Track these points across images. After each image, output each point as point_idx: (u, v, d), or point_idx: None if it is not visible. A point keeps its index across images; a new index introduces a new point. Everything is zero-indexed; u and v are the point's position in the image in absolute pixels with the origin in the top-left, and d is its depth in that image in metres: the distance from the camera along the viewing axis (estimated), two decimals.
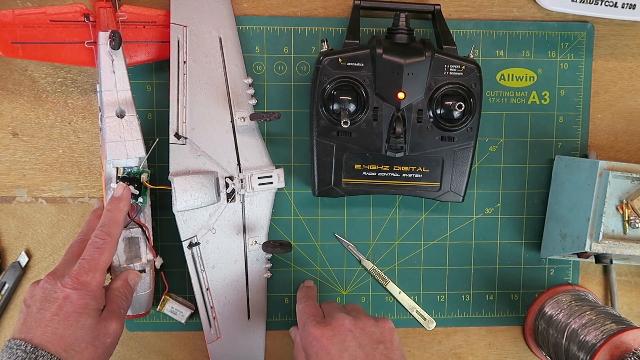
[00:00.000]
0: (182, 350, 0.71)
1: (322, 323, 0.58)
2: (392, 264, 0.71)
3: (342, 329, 0.56)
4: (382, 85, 0.62)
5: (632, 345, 0.58)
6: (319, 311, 0.61)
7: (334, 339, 0.56)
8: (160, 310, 0.67)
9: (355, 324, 0.57)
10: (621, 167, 0.62)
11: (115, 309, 0.57)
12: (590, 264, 0.73)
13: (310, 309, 0.61)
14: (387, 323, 0.59)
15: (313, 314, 0.60)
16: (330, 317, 0.58)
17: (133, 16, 0.63)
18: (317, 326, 0.57)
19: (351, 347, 0.55)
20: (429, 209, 0.71)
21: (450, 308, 0.73)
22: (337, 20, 0.68)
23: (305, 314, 0.61)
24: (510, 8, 0.70)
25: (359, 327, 0.57)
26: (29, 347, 0.51)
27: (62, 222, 0.69)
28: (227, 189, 0.65)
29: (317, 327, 0.57)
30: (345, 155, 0.65)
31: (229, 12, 0.66)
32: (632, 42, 0.72)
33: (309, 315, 0.60)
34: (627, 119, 0.72)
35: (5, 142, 0.67)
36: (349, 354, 0.54)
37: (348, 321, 0.57)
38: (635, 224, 0.62)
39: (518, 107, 0.71)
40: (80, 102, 0.67)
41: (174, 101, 0.63)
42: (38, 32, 0.60)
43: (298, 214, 0.70)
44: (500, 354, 0.74)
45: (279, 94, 0.69)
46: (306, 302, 0.63)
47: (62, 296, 0.53)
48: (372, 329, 0.57)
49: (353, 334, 0.56)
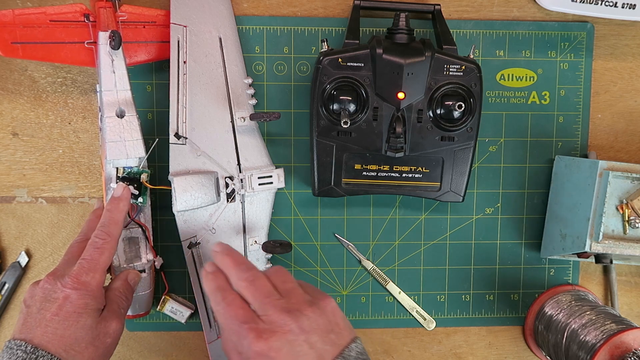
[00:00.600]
0: (182, 350, 0.71)
1: (262, 333, 0.49)
2: (392, 264, 0.71)
3: (290, 336, 0.49)
4: (382, 85, 0.62)
5: (632, 345, 0.58)
6: (247, 310, 0.51)
7: (283, 350, 0.48)
8: (160, 310, 0.67)
9: (300, 323, 0.50)
10: (621, 167, 0.62)
11: (115, 309, 0.57)
12: (590, 264, 0.73)
13: (236, 310, 0.51)
14: (329, 304, 0.52)
15: (244, 319, 0.50)
16: (269, 321, 0.50)
17: (133, 16, 0.63)
18: (258, 339, 0.48)
19: (303, 352, 0.49)
20: (429, 209, 0.71)
21: (450, 308, 0.73)
22: (337, 20, 0.68)
23: (234, 320, 0.51)
24: (510, 8, 0.70)
25: (306, 326, 0.50)
26: (29, 347, 0.51)
27: (62, 222, 0.68)
28: (227, 189, 0.65)
29: (259, 340, 0.48)
30: (345, 155, 0.65)
31: (229, 12, 0.66)
32: (632, 42, 0.72)
33: (240, 321, 0.50)
34: (627, 119, 0.72)
35: (5, 142, 0.67)
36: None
37: (293, 324, 0.49)
38: (635, 224, 0.62)
39: (518, 107, 0.71)
40: (80, 102, 0.67)
41: (174, 101, 0.63)
42: (38, 32, 0.60)
43: (298, 214, 0.70)
44: (500, 354, 0.74)
45: (279, 94, 0.69)
46: (225, 300, 0.52)
47: (62, 296, 0.53)
48: (318, 320, 0.51)
49: (304, 336, 0.49)
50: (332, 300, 0.53)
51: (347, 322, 0.53)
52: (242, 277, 0.53)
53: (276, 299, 0.51)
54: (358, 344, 0.52)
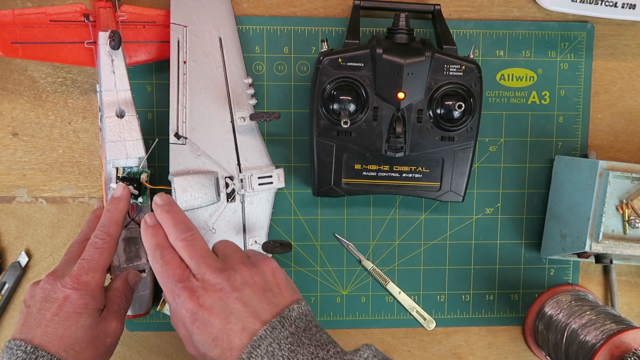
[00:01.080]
0: (182, 350, 0.71)
1: (195, 291, 0.49)
2: (392, 264, 0.71)
3: (221, 294, 0.49)
4: (382, 85, 0.62)
5: (632, 345, 0.58)
6: (184, 270, 0.51)
7: (215, 308, 0.48)
8: (160, 310, 0.67)
9: (233, 281, 0.50)
10: (621, 167, 0.62)
11: (115, 309, 0.57)
12: (590, 264, 0.73)
13: (173, 270, 0.51)
14: (268, 264, 0.52)
15: (179, 277, 0.50)
16: (202, 280, 0.50)
17: (133, 16, 0.63)
18: (191, 297, 0.49)
19: (237, 310, 0.48)
20: (429, 209, 0.71)
21: (450, 308, 0.73)
22: (337, 20, 0.68)
23: (170, 279, 0.51)
24: (510, 8, 0.70)
25: (239, 284, 0.50)
26: (29, 347, 0.51)
27: (62, 222, 0.68)
28: (227, 189, 0.65)
29: (192, 299, 0.49)
30: (345, 155, 0.65)
31: (229, 12, 0.66)
32: (632, 42, 0.72)
33: (176, 280, 0.50)
34: (627, 119, 0.72)
35: (5, 142, 0.67)
36: (235, 318, 0.48)
37: (225, 282, 0.50)
38: (635, 224, 0.62)
39: (518, 107, 0.71)
40: (80, 102, 0.67)
41: (174, 101, 0.63)
42: (38, 32, 0.60)
43: (298, 214, 0.70)
44: (500, 354, 0.74)
45: (279, 94, 0.69)
46: (164, 259, 0.52)
47: (62, 296, 0.53)
48: (254, 278, 0.51)
49: (235, 295, 0.49)
50: (273, 262, 0.53)
51: (291, 285, 0.53)
52: (181, 237, 0.53)
53: (212, 260, 0.52)
54: (302, 306, 0.51)
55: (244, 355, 0.47)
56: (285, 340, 0.48)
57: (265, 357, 0.47)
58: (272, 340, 0.47)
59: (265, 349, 0.47)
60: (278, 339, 0.48)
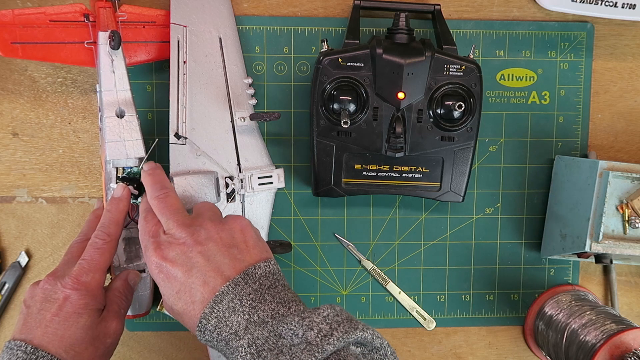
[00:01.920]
0: (182, 350, 0.71)
1: (161, 245, 0.52)
2: (392, 264, 0.71)
3: (184, 247, 0.51)
4: (382, 85, 0.62)
5: (632, 345, 0.58)
6: (157, 227, 0.54)
7: (178, 261, 0.50)
8: (160, 310, 0.67)
9: (197, 236, 0.51)
10: (621, 167, 0.62)
11: (115, 309, 0.57)
12: (590, 264, 0.73)
13: (149, 227, 0.54)
14: (237, 222, 0.54)
15: (152, 233, 0.53)
16: (169, 235, 0.52)
17: (133, 16, 0.63)
18: (156, 250, 0.51)
19: (199, 264, 0.50)
20: (429, 209, 0.71)
21: (450, 308, 0.73)
22: (337, 20, 0.68)
23: (145, 235, 0.54)
24: (510, 8, 0.70)
25: (203, 239, 0.51)
26: (29, 347, 0.51)
27: (62, 222, 0.68)
28: (227, 189, 0.65)
29: (157, 251, 0.51)
30: (345, 155, 0.65)
31: (229, 12, 0.66)
32: (632, 42, 0.72)
33: (149, 236, 0.53)
34: (627, 119, 0.72)
35: (5, 142, 0.67)
36: (197, 271, 0.50)
37: (188, 237, 0.51)
38: (635, 224, 0.62)
39: (518, 107, 0.71)
40: (80, 102, 0.67)
41: (174, 101, 0.63)
42: (38, 32, 0.60)
43: (298, 214, 0.70)
44: (500, 354, 0.74)
45: (279, 94, 0.69)
46: (145, 219, 0.55)
47: (62, 297, 0.53)
48: (220, 234, 0.52)
49: (198, 249, 0.50)
50: (244, 220, 0.54)
51: (261, 243, 0.54)
52: (154, 195, 0.56)
53: (181, 216, 0.54)
54: (270, 264, 0.52)
55: (207, 309, 0.48)
56: (248, 296, 0.49)
57: (227, 312, 0.48)
58: (233, 296, 0.49)
59: (226, 304, 0.48)
60: (240, 295, 0.49)
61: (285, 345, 0.46)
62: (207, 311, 0.49)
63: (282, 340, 0.46)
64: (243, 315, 0.48)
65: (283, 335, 0.46)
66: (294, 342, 0.46)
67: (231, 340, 0.48)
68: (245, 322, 0.48)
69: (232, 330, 0.48)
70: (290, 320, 0.47)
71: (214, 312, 0.48)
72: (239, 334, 0.47)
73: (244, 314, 0.48)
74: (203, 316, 0.49)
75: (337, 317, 0.47)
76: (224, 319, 0.48)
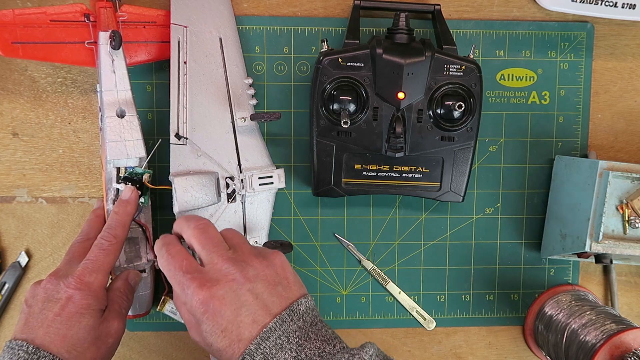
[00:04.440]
0: (182, 350, 0.71)
1: (206, 283, 0.49)
2: (392, 264, 0.71)
3: (234, 285, 0.49)
4: (382, 85, 0.62)
5: (632, 345, 0.58)
6: (192, 261, 0.51)
7: (226, 299, 0.48)
8: (160, 310, 0.67)
9: (245, 273, 0.49)
10: (621, 167, 0.62)
11: (116, 309, 0.57)
12: (590, 264, 0.73)
13: (180, 261, 0.51)
14: (277, 257, 0.52)
15: (187, 269, 0.50)
16: (213, 270, 0.50)
17: (133, 16, 0.63)
18: (201, 289, 0.48)
19: (248, 302, 0.48)
20: (429, 209, 0.71)
21: (450, 308, 0.73)
22: (337, 20, 0.68)
23: (177, 271, 0.50)
24: (510, 8, 0.70)
25: (251, 276, 0.50)
26: (31, 347, 0.51)
27: (62, 222, 0.68)
28: (228, 189, 0.65)
29: (202, 290, 0.48)
30: (345, 155, 0.65)
31: (229, 12, 0.66)
32: (632, 42, 0.72)
33: (184, 271, 0.50)
34: (627, 119, 0.72)
35: (5, 142, 0.67)
36: (246, 310, 0.48)
37: (237, 273, 0.49)
38: (635, 224, 0.62)
39: (518, 107, 0.71)
40: (80, 102, 0.67)
41: (175, 101, 0.63)
42: (38, 32, 0.60)
43: (298, 214, 0.70)
44: (500, 354, 0.74)
45: (279, 94, 0.69)
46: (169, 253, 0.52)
47: (64, 296, 0.53)
48: (265, 271, 0.50)
49: (246, 286, 0.49)
50: (281, 255, 0.53)
51: (297, 279, 0.53)
52: (194, 225, 0.53)
53: (224, 249, 0.52)
54: (308, 300, 0.51)
55: (252, 346, 0.47)
56: (294, 333, 0.48)
57: (274, 349, 0.47)
58: (281, 333, 0.48)
59: (274, 342, 0.47)
60: (287, 332, 0.48)
61: None
62: (253, 347, 0.47)
63: None
64: (290, 352, 0.47)
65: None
66: None
67: None
68: (292, 359, 0.47)
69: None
70: (340, 357, 0.46)
71: (260, 348, 0.47)
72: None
73: (292, 351, 0.47)
74: (247, 352, 0.47)
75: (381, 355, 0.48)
76: (270, 355, 0.47)
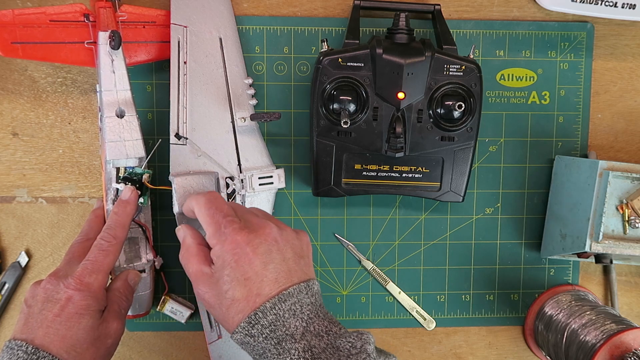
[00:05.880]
0: (182, 350, 0.71)
1: (245, 228, 0.51)
2: (392, 264, 0.71)
3: (268, 238, 0.51)
4: (382, 85, 0.62)
5: (632, 345, 0.58)
6: (231, 211, 0.53)
7: (259, 249, 0.50)
8: (160, 310, 0.67)
9: (281, 234, 0.52)
10: (621, 167, 0.62)
11: (116, 310, 0.57)
12: (590, 264, 0.73)
13: (222, 207, 0.53)
14: (306, 236, 0.55)
15: (228, 214, 0.52)
16: (251, 223, 0.52)
17: (133, 16, 0.63)
18: (240, 231, 0.50)
19: (276, 260, 0.50)
20: (429, 209, 0.71)
21: (450, 308, 0.73)
22: (337, 20, 0.68)
23: (218, 213, 0.52)
24: (510, 8, 0.70)
25: (284, 239, 0.52)
26: (30, 348, 0.51)
27: (62, 222, 0.68)
28: (228, 189, 0.65)
29: (241, 233, 0.50)
30: (345, 155, 0.65)
31: (229, 13, 0.66)
32: (632, 42, 0.72)
33: (224, 214, 0.52)
34: (627, 119, 0.72)
35: (5, 142, 0.67)
36: (273, 267, 0.50)
37: (275, 230, 0.52)
38: (635, 224, 0.62)
39: (518, 107, 0.71)
40: (80, 102, 0.67)
41: (174, 101, 0.63)
42: (38, 32, 0.60)
43: (298, 214, 0.70)
44: (500, 354, 0.74)
45: (279, 94, 0.69)
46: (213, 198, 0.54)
47: (64, 297, 0.53)
48: (294, 241, 0.53)
49: (278, 246, 0.51)
50: (308, 236, 0.56)
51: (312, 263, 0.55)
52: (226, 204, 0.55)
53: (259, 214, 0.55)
54: (318, 285, 0.53)
55: (269, 304, 0.48)
56: (307, 306, 0.50)
57: (287, 313, 0.49)
58: (296, 300, 0.49)
59: (288, 307, 0.49)
60: (301, 302, 0.50)
61: (343, 355, 0.47)
62: (269, 306, 0.48)
63: (340, 352, 0.47)
64: (301, 321, 0.49)
65: (340, 348, 0.48)
66: (352, 352, 0.47)
67: (285, 341, 0.48)
68: (302, 328, 0.48)
69: (288, 331, 0.48)
70: (348, 335, 0.48)
71: (275, 309, 0.48)
72: (295, 337, 0.48)
73: (302, 320, 0.49)
74: (262, 309, 0.48)
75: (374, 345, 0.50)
76: (282, 319, 0.48)
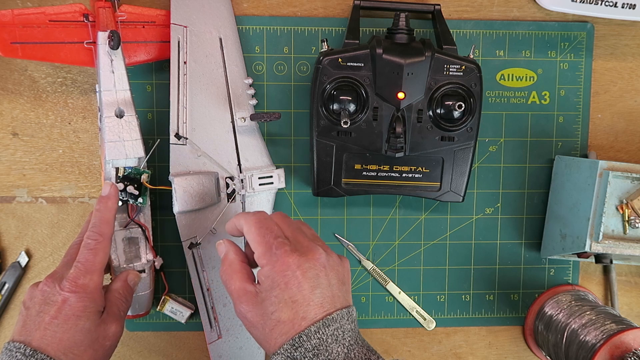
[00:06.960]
0: (182, 350, 0.71)
1: (296, 251, 0.51)
2: (392, 264, 0.71)
3: (317, 263, 0.51)
4: (382, 85, 0.62)
5: (632, 345, 0.58)
6: (281, 232, 0.53)
7: (309, 273, 0.50)
8: (160, 310, 0.67)
9: (328, 260, 0.52)
10: (621, 167, 0.62)
11: (114, 311, 0.57)
12: (590, 264, 0.73)
13: (272, 227, 0.53)
14: (348, 263, 0.55)
15: (279, 235, 0.52)
16: (301, 245, 0.52)
17: (132, 16, 0.63)
18: (291, 254, 0.51)
19: (322, 285, 0.50)
20: (429, 209, 0.71)
21: (450, 308, 0.73)
22: (337, 20, 0.68)
23: (269, 233, 0.52)
24: (510, 8, 0.70)
25: (330, 264, 0.52)
26: (28, 350, 0.51)
27: (62, 222, 0.68)
28: (228, 189, 0.65)
29: (292, 255, 0.50)
30: (345, 155, 0.65)
31: (229, 12, 0.66)
32: (632, 42, 0.71)
33: (275, 235, 0.52)
34: (627, 119, 0.72)
35: (5, 142, 0.67)
36: (320, 292, 0.50)
37: (323, 256, 0.52)
38: (635, 224, 0.62)
39: (518, 107, 0.71)
40: (80, 102, 0.67)
41: (174, 101, 0.63)
42: (37, 32, 0.60)
43: (298, 214, 0.70)
44: (500, 354, 0.74)
45: (279, 94, 0.69)
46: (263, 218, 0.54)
47: (60, 299, 0.53)
48: (339, 268, 0.53)
49: (325, 271, 0.51)
50: (349, 262, 0.55)
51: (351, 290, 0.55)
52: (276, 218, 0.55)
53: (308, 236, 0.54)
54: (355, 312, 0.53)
55: (313, 328, 0.49)
56: (348, 332, 0.50)
57: (330, 339, 0.49)
58: (339, 325, 0.50)
59: (332, 331, 0.49)
60: (343, 328, 0.50)
61: None
62: (313, 330, 0.48)
63: None
64: (343, 347, 0.49)
65: None
66: None
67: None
68: (343, 354, 0.49)
69: (330, 356, 0.48)
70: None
71: (319, 333, 0.49)
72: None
73: (344, 347, 0.49)
74: (306, 332, 0.48)
75: None
76: (325, 343, 0.48)
